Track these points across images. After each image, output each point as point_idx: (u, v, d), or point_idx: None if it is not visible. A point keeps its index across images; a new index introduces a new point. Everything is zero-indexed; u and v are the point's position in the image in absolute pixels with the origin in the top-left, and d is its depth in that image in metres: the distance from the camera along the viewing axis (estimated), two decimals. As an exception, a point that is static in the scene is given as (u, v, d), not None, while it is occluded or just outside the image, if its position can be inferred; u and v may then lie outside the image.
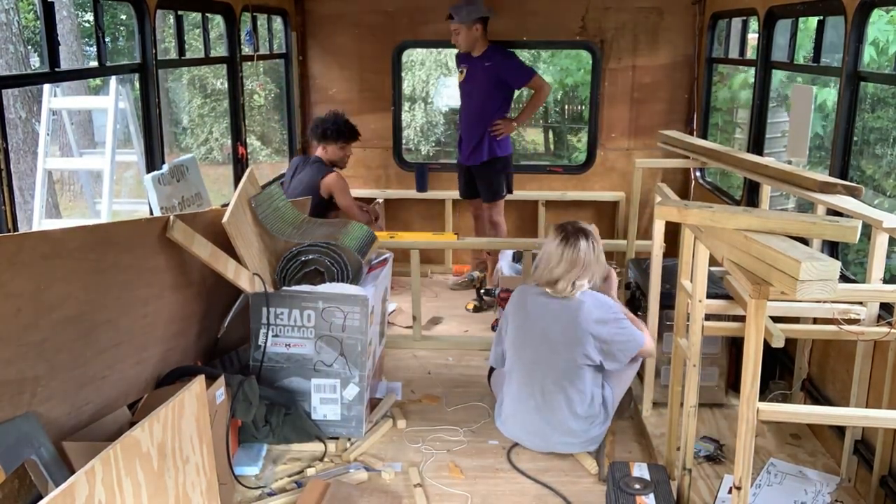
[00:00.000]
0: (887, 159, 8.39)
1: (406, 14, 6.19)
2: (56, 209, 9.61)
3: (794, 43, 4.53)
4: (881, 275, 3.14)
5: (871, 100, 8.22)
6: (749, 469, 2.49)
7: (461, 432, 3.98)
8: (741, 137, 8.75)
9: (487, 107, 5.63)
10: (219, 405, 3.24)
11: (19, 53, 8.81)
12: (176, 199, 4.10)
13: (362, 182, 6.44)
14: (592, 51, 6.19)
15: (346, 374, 3.81)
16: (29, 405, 2.71)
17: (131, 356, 3.27)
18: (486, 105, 5.64)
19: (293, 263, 3.93)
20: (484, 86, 5.61)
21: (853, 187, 3.44)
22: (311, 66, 6.38)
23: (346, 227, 4.25)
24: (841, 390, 3.60)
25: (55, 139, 9.44)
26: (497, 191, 5.76)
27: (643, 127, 6.23)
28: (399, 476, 3.58)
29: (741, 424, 2.46)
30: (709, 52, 5.94)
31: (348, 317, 3.76)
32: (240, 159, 5.25)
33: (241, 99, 5.24)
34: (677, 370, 3.37)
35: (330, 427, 3.87)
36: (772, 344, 2.76)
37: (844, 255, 4.09)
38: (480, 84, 5.63)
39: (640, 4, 6.06)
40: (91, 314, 2.98)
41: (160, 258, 3.38)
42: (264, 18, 5.66)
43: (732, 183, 7.37)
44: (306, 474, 3.55)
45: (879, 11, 6.79)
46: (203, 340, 3.90)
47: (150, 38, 3.97)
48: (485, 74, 5.58)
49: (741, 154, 4.49)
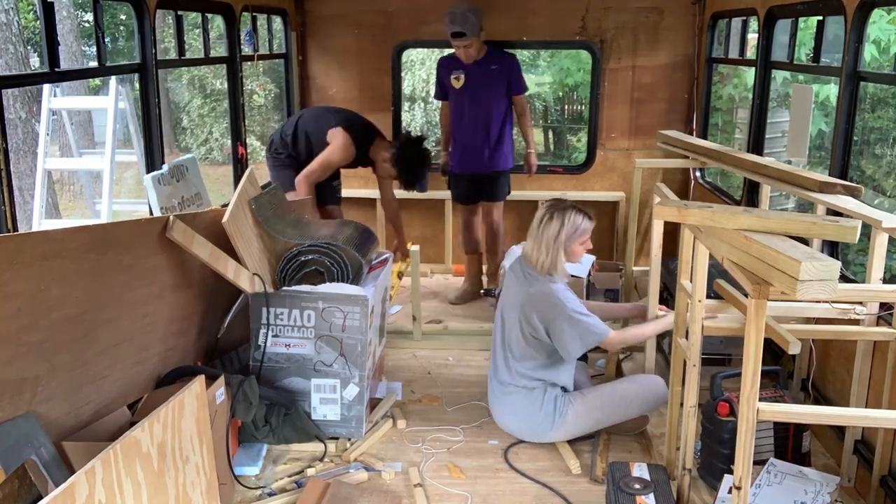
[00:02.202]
0: (887, 159, 8.40)
1: (406, 14, 6.18)
2: (56, 209, 9.61)
3: (794, 43, 4.54)
4: (881, 274, 3.15)
5: (872, 100, 8.23)
6: (749, 469, 2.49)
7: (461, 432, 3.98)
8: (741, 137, 8.75)
9: (497, 111, 5.52)
10: (219, 405, 3.24)
11: (19, 53, 8.81)
12: (176, 200, 4.10)
13: (362, 182, 6.43)
14: (592, 51, 6.19)
15: (346, 374, 3.81)
16: (29, 405, 2.71)
17: (131, 356, 3.27)
18: (496, 109, 5.52)
19: (293, 263, 3.93)
20: (492, 89, 5.49)
21: (853, 187, 3.44)
22: (311, 66, 6.38)
23: (346, 228, 4.25)
24: (841, 390, 3.60)
25: (55, 139, 9.46)
26: (506, 191, 5.77)
27: (643, 127, 6.23)
28: (399, 476, 3.58)
29: (741, 424, 2.47)
30: (709, 51, 5.94)
31: (348, 317, 3.76)
32: (240, 159, 5.25)
33: (241, 99, 5.24)
34: (677, 370, 3.37)
35: (330, 427, 3.87)
36: (788, 351, 2.76)
37: (844, 254, 4.09)
38: (488, 88, 5.49)
39: (639, 4, 6.05)
40: (91, 314, 2.97)
41: (160, 258, 3.38)
42: (264, 18, 5.66)
43: (732, 183, 7.38)
44: (306, 474, 3.56)
45: (880, 11, 6.79)
46: (203, 340, 3.90)
47: (149, 37, 3.97)
48: (493, 77, 5.46)
49: (741, 154, 4.50)
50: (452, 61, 5.58)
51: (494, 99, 5.52)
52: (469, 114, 5.58)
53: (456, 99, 5.62)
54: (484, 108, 5.53)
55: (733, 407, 3.23)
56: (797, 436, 3.32)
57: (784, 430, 3.31)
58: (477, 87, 5.51)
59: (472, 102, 5.55)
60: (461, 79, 5.54)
